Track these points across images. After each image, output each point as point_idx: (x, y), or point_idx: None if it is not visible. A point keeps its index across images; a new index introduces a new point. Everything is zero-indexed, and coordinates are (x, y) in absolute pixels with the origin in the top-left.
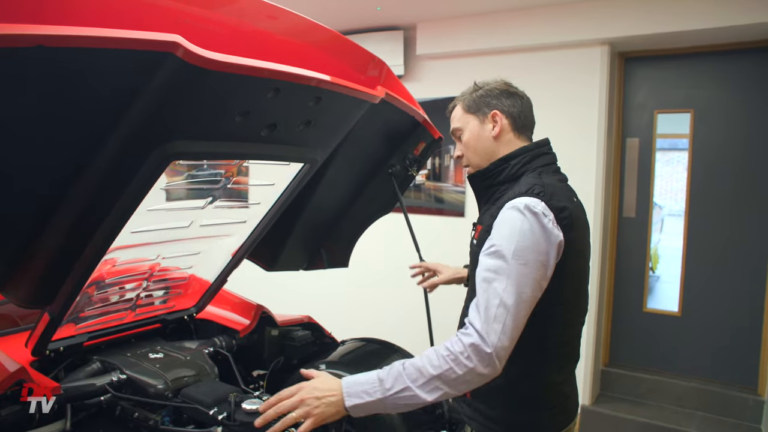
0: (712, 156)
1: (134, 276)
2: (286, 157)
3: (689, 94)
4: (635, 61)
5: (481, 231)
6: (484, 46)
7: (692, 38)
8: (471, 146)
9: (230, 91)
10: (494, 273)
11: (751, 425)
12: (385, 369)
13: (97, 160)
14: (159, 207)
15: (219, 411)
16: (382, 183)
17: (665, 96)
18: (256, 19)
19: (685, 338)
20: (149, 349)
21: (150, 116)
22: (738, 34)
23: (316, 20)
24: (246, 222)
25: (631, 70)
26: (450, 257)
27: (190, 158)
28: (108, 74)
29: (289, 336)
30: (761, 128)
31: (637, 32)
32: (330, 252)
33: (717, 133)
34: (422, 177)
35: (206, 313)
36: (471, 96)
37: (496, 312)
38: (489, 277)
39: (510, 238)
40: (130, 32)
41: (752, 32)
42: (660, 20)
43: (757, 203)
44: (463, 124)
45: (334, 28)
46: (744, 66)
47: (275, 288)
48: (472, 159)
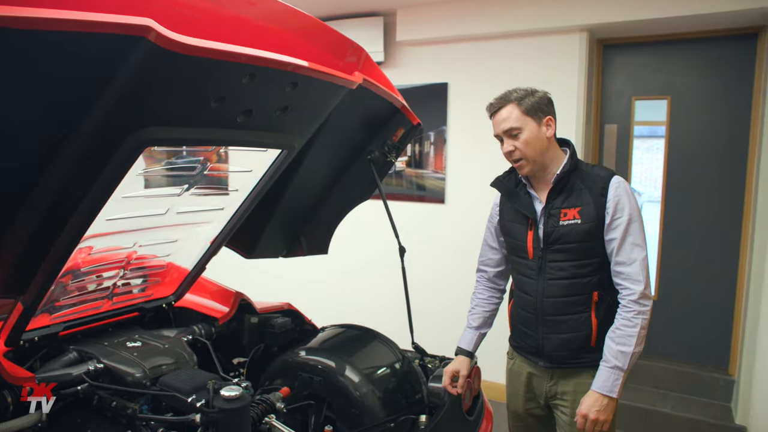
0: (688, 142)
1: (111, 264)
2: (264, 143)
3: (666, 81)
4: (613, 48)
5: (581, 210)
6: (464, 32)
7: (669, 25)
8: (531, 144)
9: (205, 77)
10: (639, 239)
11: (722, 404)
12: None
13: (69, 146)
14: (134, 194)
15: (197, 398)
16: (361, 169)
17: (643, 83)
18: (232, 3)
19: (662, 322)
20: (127, 338)
21: (123, 102)
22: (714, 21)
23: (296, 6)
24: (224, 209)
25: (610, 56)
26: (430, 243)
27: (164, 144)
28: (77, 58)
29: (269, 323)
30: (736, 115)
31: (615, 19)
32: (309, 239)
33: (693, 120)
34: (402, 164)
35: (185, 301)
36: (527, 100)
37: (647, 268)
38: (634, 242)
39: (632, 206)
40: (100, 15)
41: (727, 20)
42: (637, 7)
43: (732, 190)
44: (522, 124)
45: (314, 14)
46: (719, 53)
47: (255, 275)
48: (530, 155)
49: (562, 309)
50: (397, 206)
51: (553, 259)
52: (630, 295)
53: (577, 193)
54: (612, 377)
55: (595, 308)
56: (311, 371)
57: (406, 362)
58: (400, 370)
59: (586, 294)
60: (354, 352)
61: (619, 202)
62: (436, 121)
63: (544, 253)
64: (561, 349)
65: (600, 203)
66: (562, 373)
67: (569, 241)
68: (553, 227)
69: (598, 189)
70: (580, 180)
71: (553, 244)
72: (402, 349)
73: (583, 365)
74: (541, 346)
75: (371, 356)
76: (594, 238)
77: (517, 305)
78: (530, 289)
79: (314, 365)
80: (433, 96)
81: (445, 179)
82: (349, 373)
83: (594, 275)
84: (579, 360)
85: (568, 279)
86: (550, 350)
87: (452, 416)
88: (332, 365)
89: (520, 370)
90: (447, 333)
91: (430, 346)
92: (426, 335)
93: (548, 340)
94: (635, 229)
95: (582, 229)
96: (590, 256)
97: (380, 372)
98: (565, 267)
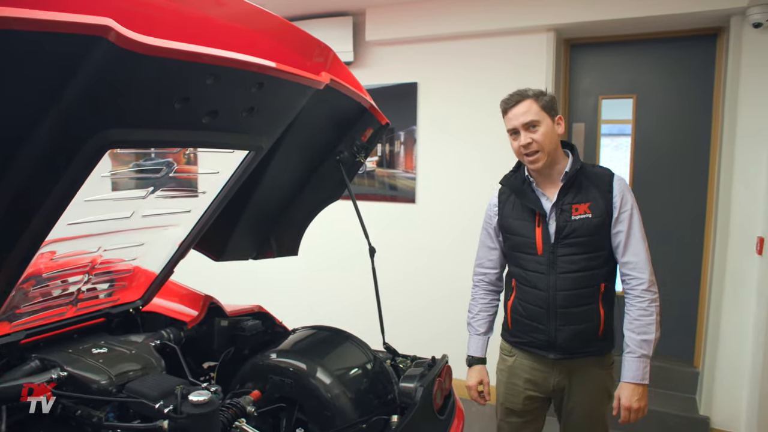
0: (652, 140)
1: (74, 269)
2: (230, 144)
3: (631, 80)
4: (580, 47)
5: (591, 206)
6: (434, 32)
7: (634, 26)
8: (548, 138)
9: (168, 78)
10: (640, 230)
11: (687, 395)
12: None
13: (28, 149)
14: (97, 197)
15: (165, 404)
16: (330, 170)
17: (609, 82)
18: (197, 3)
19: None
20: (92, 345)
21: (83, 103)
22: (676, 22)
23: (264, 6)
24: (191, 211)
25: (577, 56)
26: (402, 242)
27: (127, 147)
28: (34, 59)
29: (239, 326)
30: (698, 113)
31: (581, 19)
32: (279, 240)
33: (657, 118)
34: (372, 164)
35: (153, 306)
36: (544, 98)
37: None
38: (639, 234)
39: (633, 200)
40: (58, 14)
41: (689, 21)
42: (602, 8)
43: (694, 186)
44: (540, 118)
45: (283, 14)
46: (682, 53)
47: (224, 278)
48: (546, 147)
49: (574, 301)
50: (369, 206)
51: (564, 253)
52: (640, 285)
53: (585, 190)
54: (641, 366)
55: (602, 299)
56: (282, 374)
57: (377, 363)
58: (371, 371)
59: (594, 286)
60: (325, 354)
61: (624, 197)
62: (406, 120)
63: (555, 248)
64: (574, 340)
65: (608, 199)
66: (571, 363)
67: (581, 234)
68: (565, 222)
69: (604, 186)
70: (586, 178)
71: (566, 238)
72: (374, 349)
73: (590, 354)
74: (554, 338)
75: (343, 357)
76: (602, 231)
77: (522, 301)
78: (541, 284)
79: (285, 368)
80: (403, 96)
81: (415, 179)
82: (321, 375)
83: (602, 267)
84: (588, 349)
85: (579, 272)
86: (563, 342)
87: (424, 416)
88: (303, 367)
89: (522, 366)
90: (418, 333)
91: (402, 347)
92: (397, 335)
93: (561, 332)
94: (638, 222)
95: (593, 223)
96: (598, 249)
97: (352, 373)
98: (575, 260)
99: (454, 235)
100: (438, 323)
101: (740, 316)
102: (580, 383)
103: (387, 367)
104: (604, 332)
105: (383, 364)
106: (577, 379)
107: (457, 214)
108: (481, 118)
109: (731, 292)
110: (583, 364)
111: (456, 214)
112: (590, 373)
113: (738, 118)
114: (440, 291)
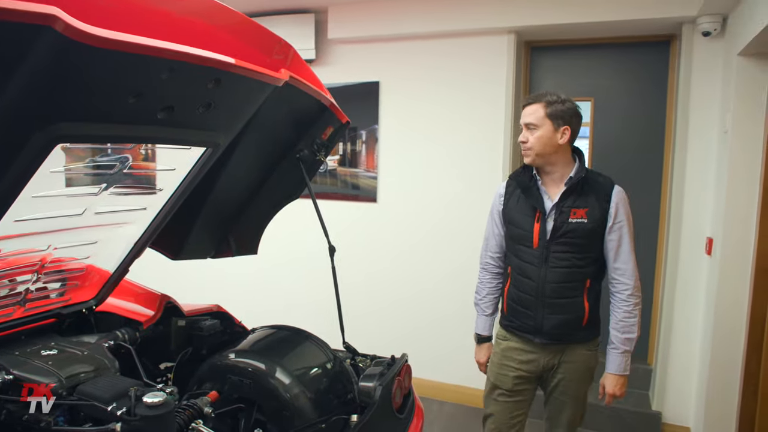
0: (609, 142)
1: (22, 268)
2: (186, 140)
3: (589, 84)
4: (540, 50)
5: (588, 212)
6: (396, 31)
7: (593, 30)
8: (541, 142)
9: (120, 71)
10: (629, 240)
11: (641, 392)
12: (616, 345)
13: None
14: (47, 193)
15: (118, 406)
16: (290, 168)
17: (568, 84)
18: None
19: None
20: (41, 346)
21: (29, 95)
22: (635, 28)
23: (224, 1)
24: (147, 209)
25: (537, 58)
26: (364, 241)
27: (78, 141)
28: None
29: (197, 326)
30: (652, 116)
31: (541, 22)
32: (238, 239)
33: (613, 121)
34: (334, 162)
35: (107, 306)
36: (554, 106)
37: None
38: (629, 245)
39: (628, 212)
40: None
41: (646, 27)
42: (563, 11)
43: (648, 187)
44: (540, 123)
45: (244, 10)
46: (640, 58)
47: (181, 276)
48: (536, 149)
49: (561, 293)
50: (330, 205)
51: (556, 250)
52: (626, 290)
53: (584, 196)
54: (624, 360)
55: (587, 293)
56: (241, 374)
57: (337, 362)
58: (331, 371)
59: (580, 281)
60: (285, 354)
61: (619, 209)
62: (367, 119)
63: (550, 244)
64: (559, 328)
65: (604, 208)
66: (557, 348)
67: (574, 236)
68: (563, 222)
69: (603, 195)
70: (588, 185)
71: (560, 237)
72: (333, 349)
73: (575, 341)
74: (541, 325)
75: (302, 357)
76: (594, 236)
77: (516, 289)
78: (533, 275)
79: (244, 368)
80: (365, 94)
81: (377, 178)
82: (280, 375)
83: (589, 266)
84: (572, 337)
85: (568, 268)
86: (549, 329)
87: (383, 415)
88: (262, 367)
89: (515, 348)
90: (379, 333)
91: (362, 346)
92: (358, 335)
93: (547, 320)
94: (628, 233)
95: (587, 228)
96: (588, 251)
97: (311, 373)
98: (566, 257)
99: (416, 234)
100: (399, 323)
101: (690, 314)
102: (568, 361)
103: (347, 367)
104: (588, 322)
105: (343, 364)
106: (566, 357)
107: (420, 213)
108: (443, 116)
109: (682, 291)
110: (572, 349)
111: (418, 214)
112: (577, 353)
113: (690, 121)
114: (402, 291)
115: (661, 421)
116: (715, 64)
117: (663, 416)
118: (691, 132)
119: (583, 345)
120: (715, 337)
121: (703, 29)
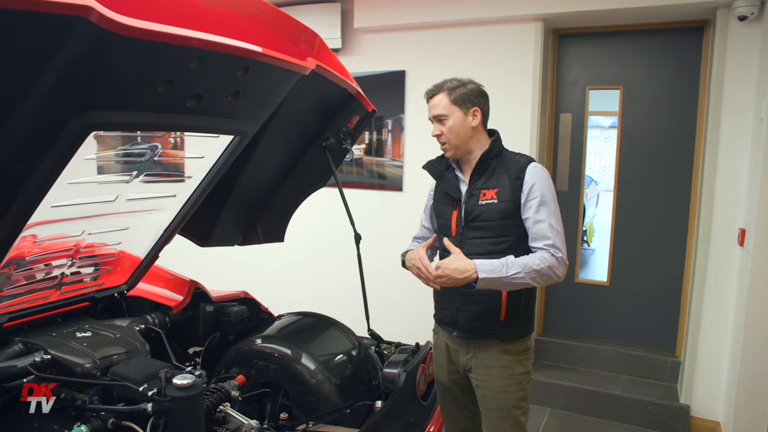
0: (638, 132)
1: (58, 253)
2: (215, 129)
3: (618, 72)
4: (568, 37)
5: (499, 192)
6: (422, 20)
7: (621, 17)
8: (454, 132)
9: (151, 60)
10: (551, 213)
11: (669, 385)
12: (502, 259)
13: (9, 130)
14: (81, 180)
15: (149, 387)
16: (316, 156)
17: (596, 73)
18: None
19: (613, 306)
20: (76, 328)
21: (64, 85)
22: (665, 14)
23: None
24: (176, 196)
25: (565, 46)
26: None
27: (110, 129)
28: (14, 38)
29: (225, 312)
30: (683, 105)
31: (570, 9)
32: (265, 227)
33: (643, 110)
34: (360, 151)
35: (138, 290)
36: (457, 91)
37: (562, 238)
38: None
39: (545, 189)
40: None
41: (676, 13)
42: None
43: (680, 178)
44: (448, 112)
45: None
46: (668, 45)
47: (210, 263)
48: (452, 141)
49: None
50: (356, 194)
51: (471, 236)
52: (545, 242)
53: (497, 176)
54: (495, 268)
55: None
56: (267, 359)
57: (362, 349)
58: (356, 357)
59: None
60: (310, 340)
61: (534, 186)
62: (394, 108)
63: (465, 230)
64: (473, 321)
65: (516, 186)
66: (475, 344)
67: (486, 219)
68: (473, 206)
69: (514, 173)
70: (502, 164)
71: (472, 222)
72: (358, 336)
73: (493, 336)
74: (456, 317)
75: (327, 343)
76: (510, 217)
77: None
78: None
79: (270, 353)
80: (391, 83)
81: (402, 167)
82: (305, 361)
83: (507, 252)
84: (489, 332)
85: (483, 255)
86: (464, 321)
87: (407, 401)
88: (288, 353)
89: (441, 342)
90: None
91: (387, 333)
92: (382, 322)
93: (461, 312)
94: (547, 210)
95: (498, 209)
96: (505, 234)
97: (336, 359)
98: (480, 243)
99: None
100: (423, 311)
101: (721, 307)
102: (483, 365)
103: (371, 354)
104: (507, 318)
105: (367, 351)
106: (482, 359)
107: None
108: None
109: (713, 283)
110: (487, 345)
111: None
112: (495, 358)
113: (722, 110)
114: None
115: (690, 415)
116: (751, 49)
117: (691, 409)
118: (723, 118)
119: (503, 345)
120: (747, 330)
121: (740, 13)
